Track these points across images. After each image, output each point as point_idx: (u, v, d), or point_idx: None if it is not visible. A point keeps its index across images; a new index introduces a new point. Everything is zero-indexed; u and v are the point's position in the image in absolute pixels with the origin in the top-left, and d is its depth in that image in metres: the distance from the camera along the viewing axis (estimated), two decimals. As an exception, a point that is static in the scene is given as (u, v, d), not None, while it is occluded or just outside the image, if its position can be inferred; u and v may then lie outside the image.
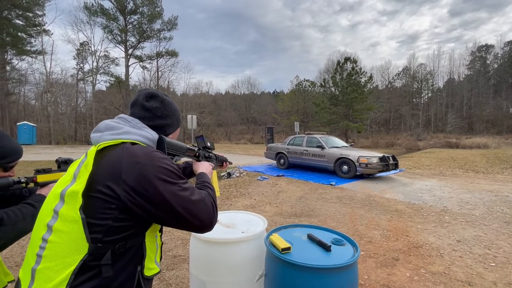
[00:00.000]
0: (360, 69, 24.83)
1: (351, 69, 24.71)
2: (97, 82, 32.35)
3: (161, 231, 0.86)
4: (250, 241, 1.54)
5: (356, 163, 7.13)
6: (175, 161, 0.94)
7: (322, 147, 8.19)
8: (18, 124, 21.52)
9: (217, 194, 1.13)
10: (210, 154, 1.24)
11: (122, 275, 0.67)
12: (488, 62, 43.61)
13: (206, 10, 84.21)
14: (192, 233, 1.59)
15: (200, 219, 0.73)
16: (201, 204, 0.74)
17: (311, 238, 1.49)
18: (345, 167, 7.50)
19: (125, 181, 0.65)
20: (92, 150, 0.69)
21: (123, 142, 0.72)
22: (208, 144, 1.22)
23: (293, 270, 1.25)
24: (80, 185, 0.64)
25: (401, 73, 46.05)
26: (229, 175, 8.35)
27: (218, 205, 0.84)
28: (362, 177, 7.50)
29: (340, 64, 25.62)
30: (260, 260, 1.56)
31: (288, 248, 1.33)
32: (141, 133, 0.78)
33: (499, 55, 42.76)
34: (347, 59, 25.50)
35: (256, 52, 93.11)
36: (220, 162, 1.36)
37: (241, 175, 8.29)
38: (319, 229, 1.65)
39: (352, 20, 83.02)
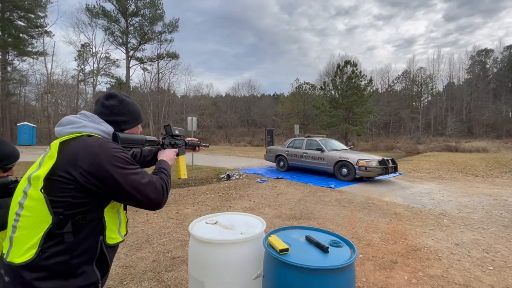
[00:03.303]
0: (360, 72, 24.88)
1: (351, 72, 24.78)
2: (97, 83, 32.46)
3: (125, 208, 1.01)
4: (249, 242, 1.56)
5: (356, 166, 7.15)
6: (133, 152, 1.16)
7: (321, 150, 8.20)
8: (18, 124, 21.54)
9: (184, 176, 1.34)
10: (177, 141, 1.33)
11: (85, 242, 0.82)
12: (487, 66, 43.79)
13: (203, 14, 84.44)
14: (191, 235, 1.60)
15: (149, 198, 0.87)
16: (151, 186, 0.88)
17: (309, 240, 1.51)
18: (344, 170, 7.52)
19: (81, 166, 0.79)
20: (55, 143, 0.83)
21: (82, 135, 0.86)
22: (177, 132, 1.32)
23: (290, 271, 1.26)
24: (42, 171, 0.78)
25: (401, 76, 46.23)
26: (228, 177, 8.36)
27: (170, 187, 1.01)
28: (361, 180, 7.51)
29: (340, 67, 25.69)
30: (259, 261, 1.57)
31: (286, 249, 1.35)
32: (97, 127, 0.91)
33: (499, 59, 42.97)
34: (347, 62, 25.58)
35: (255, 55, 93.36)
36: (192, 147, 1.48)
37: (241, 177, 8.30)
38: (317, 231, 1.67)
39: (349, 24, 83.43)
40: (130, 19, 30.76)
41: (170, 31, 32.37)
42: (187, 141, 1.42)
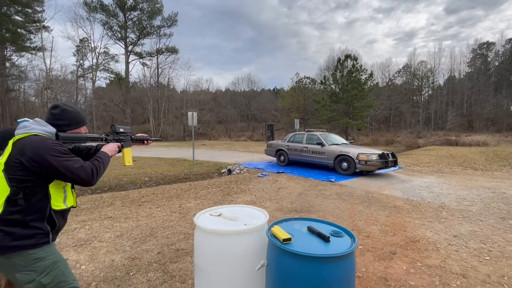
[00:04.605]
0: (361, 66, 24.74)
1: (351, 67, 24.64)
2: (97, 79, 32.32)
3: (73, 187, 1.40)
4: (253, 233, 1.61)
5: (356, 160, 7.20)
6: (73, 146, 1.49)
7: (322, 144, 8.24)
8: (18, 120, 21.46)
9: (129, 164, 1.66)
10: (120, 137, 1.64)
11: (36, 206, 1.19)
12: (489, 59, 43.45)
13: (202, 8, 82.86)
14: (197, 226, 1.65)
15: (81, 177, 1.24)
16: (81, 169, 1.24)
17: (311, 230, 1.56)
18: (344, 164, 7.57)
19: (26, 155, 1.15)
20: (11, 141, 1.21)
21: (30, 135, 1.21)
22: (121, 130, 1.65)
23: (293, 259, 1.32)
24: (2, 159, 1.18)
25: (402, 70, 45.94)
26: (229, 171, 8.43)
27: (103, 172, 1.36)
28: (361, 174, 7.57)
29: (341, 61, 25.54)
30: (262, 251, 1.62)
31: (289, 239, 1.40)
32: (43, 128, 1.26)
33: (500, 52, 42.62)
34: (347, 56, 25.41)
35: (254, 49, 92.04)
36: (140, 141, 1.78)
37: (242, 171, 8.36)
38: (319, 222, 1.72)
39: (348, 17, 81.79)
40: (128, 13, 30.46)
41: (169, 25, 32.11)
42: (133, 136, 1.72)
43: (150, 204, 4.74)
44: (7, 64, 26.72)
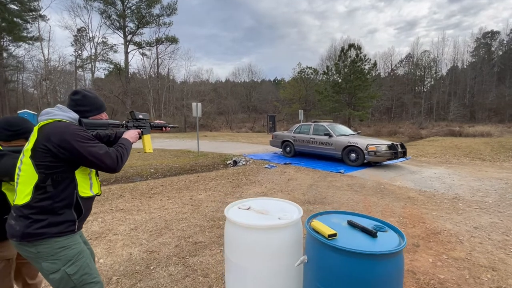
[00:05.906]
0: (364, 56, 24.35)
1: (355, 56, 24.24)
2: (96, 69, 31.85)
3: (97, 174, 1.38)
4: (288, 228, 1.52)
5: (365, 151, 7.11)
6: (95, 132, 1.45)
7: (329, 135, 8.14)
8: (19, 112, 21.31)
9: (149, 151, 1.65)
10: (140, 123, 1.62)
11: (64, 193, 1.18)
12: (493, 49, 42.78)
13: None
14: (228, 219, 1.57)
15: (106, 163, 1.22)
16: (106, 155, 1.22)
17: (352, 224, 1.47)
18: (353, 155, 7.49)
19: (52, 141, 1.13)
20: (36, 127, 1.19)
21: (54, 121, 1.20)
22: (140, 116, 1.62)
23: (340, 256, 1.23)
24: (29, 146, 1.16)
25: (404, 60, 45.32)
26: (235, 163, 8.35)
27: (126, 157, 1.34)
28: (369, 165, 7.50)
29: (344, 51, 25.11)
30: (297, 246, 1.56)
31: (334, 235, 1.31)
32: (66, 114, 1.25)
33: (505, 41, 41.91)
34: (351, 45, 24.95)
35: (253, 39, 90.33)
36: (159, 127, 1.77)
37: (248, 163, 8.28)
38: (356, 216, 1.63)
39: (349, 6, 79.88)
40: (126, 1, 29.69)
41: (169, 14, 31.38)
42: (152, 123, 1.70)
43: (160, 196, 4.67)
44: (4, 55, 26.28)
